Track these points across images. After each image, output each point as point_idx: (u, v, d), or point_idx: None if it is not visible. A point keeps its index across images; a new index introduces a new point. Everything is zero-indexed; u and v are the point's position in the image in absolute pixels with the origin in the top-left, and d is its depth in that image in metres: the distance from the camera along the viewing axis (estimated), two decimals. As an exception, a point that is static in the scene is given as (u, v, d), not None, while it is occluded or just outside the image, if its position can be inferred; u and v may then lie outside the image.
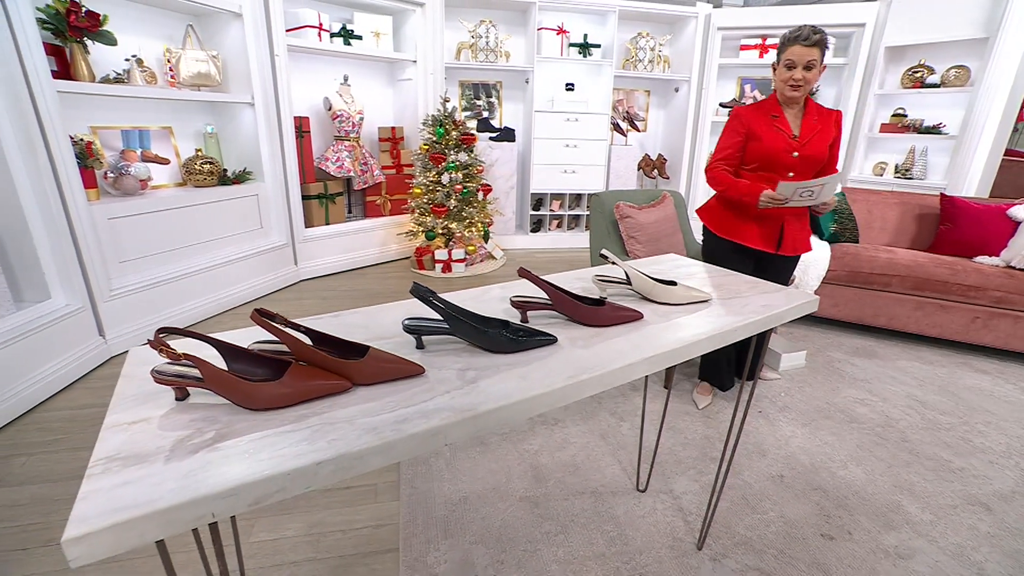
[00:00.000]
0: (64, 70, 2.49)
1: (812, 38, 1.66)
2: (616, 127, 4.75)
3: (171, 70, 2.99)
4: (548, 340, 0.89)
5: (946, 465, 1.91)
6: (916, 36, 4.18)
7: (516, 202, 4.99)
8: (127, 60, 2.73)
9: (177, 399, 0.70)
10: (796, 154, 1.81)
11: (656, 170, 4.96)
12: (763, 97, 4.79)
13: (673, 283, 1.12)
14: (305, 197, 3.85)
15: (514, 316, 1.01)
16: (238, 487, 0.54)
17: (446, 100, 4.13)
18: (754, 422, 2.14)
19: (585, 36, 4.55)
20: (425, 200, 4.12)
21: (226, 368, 0.72)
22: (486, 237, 4.49)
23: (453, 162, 4.09)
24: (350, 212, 4.43)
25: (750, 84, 4.87)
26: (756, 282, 1.28)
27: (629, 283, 1.13)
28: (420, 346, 0.88)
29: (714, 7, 4.75)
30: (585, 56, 4.59)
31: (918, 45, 4.22)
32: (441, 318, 0.86)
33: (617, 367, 0.83)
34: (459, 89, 4.88)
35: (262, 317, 0.72)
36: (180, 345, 0.75)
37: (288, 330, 0.75)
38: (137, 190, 2.79)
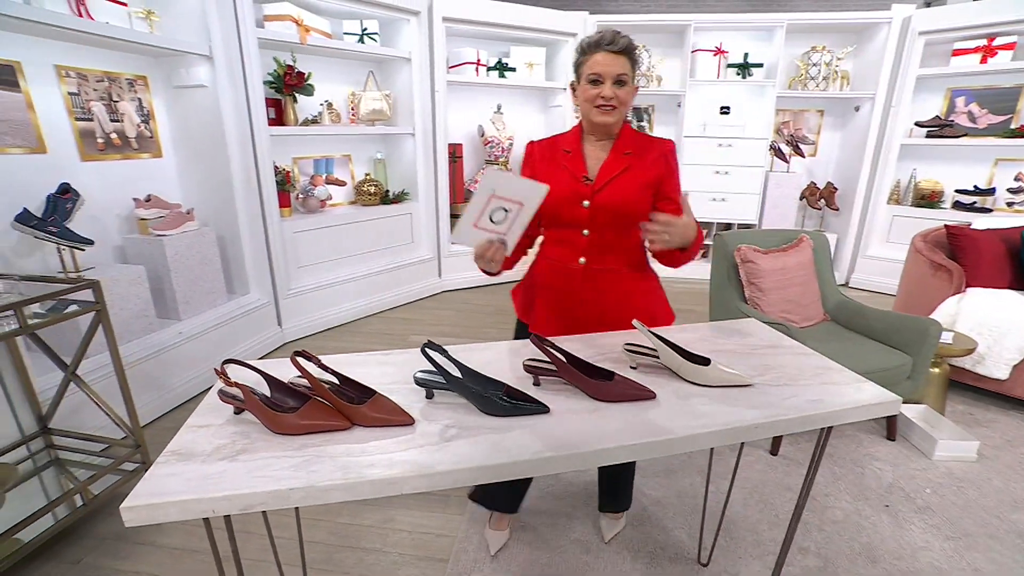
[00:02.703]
0: (279, 116, 3.22)
1: (619, 42, 1.21)
2: (777, 152, 4.30)
3: (353, 109, 3.63)
4: (540, 409, 0.94)
5: None
6: None
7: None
8: (320, 105, 3.39)
9: (235, 413, 0.93)
10: (587, 203, 1.29)
11: (823, 200, 4.35)
12: (983, 112, 3.89)
13: (707, 361, 1.06)
14: (453, 215, 4.28)
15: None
16: (231, 496, 0.73)
17: (589, 126, 4.21)
18: (873, 516, 1.80)
19: (746, 55, 4.22)
20: (559, 223, 4.25)
21: (269, 394, 0.93)
22: (619, 262, 4.45)
23: (590, 187, 4.15)
24: (493, 230, 4.78)
25: (965, 96, 3.97)
26: (828, 367, 1.12)
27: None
28: (429, 396, 1.00)
29: (921, 6, 4.00)
30: (744, 77, 4.25)
31: None
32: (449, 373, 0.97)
33: (591, 449, 0.84)
34: (608, 113, 4.91)
35: (298, 358, 0.92)
36: (242, 373, 0.99)
37: (315, 371, 0.94)
38: (318, 208, 3.45)
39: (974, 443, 2.13)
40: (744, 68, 4.24)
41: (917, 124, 4.02)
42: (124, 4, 2.27)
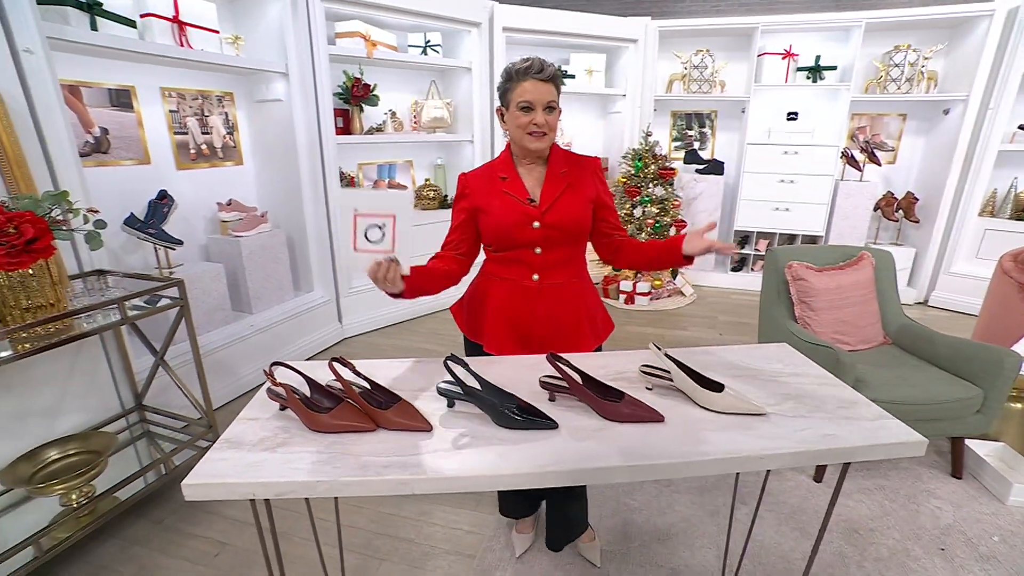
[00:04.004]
0: (346, 125, 3.45)
1: (548, 70, 1.26)
2: (850, 159, 4.03)
3: (415, 118, 3.81)
4: (549, 425, 1.00)
5: None
6: None
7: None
8: (384, 114, 3.60)
9: (280, 409, 1.06)
10: (537, 224, 1.34)
11: (902, 211, 4.03)
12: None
13: (720, 387, 1.07)
14: (507, 220, 4.38)
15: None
16: (267, 483, 0.85)
17: (648, 134, 4.17)
18: (924, 558, 1.70)
19: (817, 58, 3.99)
20: (615, 230, 4.25)
21: (309, 394, 1.05)
22: (674, 273, 4.38)
23: (647, 196, 4.12)
24: (546, 234, 4.84)
25: (1082, 100, 3.54)
26: (853, 401, 1.09)
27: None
28: (451, 405, 1.08)
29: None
30: (815, 81, 4.03)
31: None
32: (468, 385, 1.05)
33: (589, 467, 0.89)
34: (671, 119, 4.82)
35: (334, 363, 1.03)
36: (286, 374, 1.12)
37: (349, 375, 1.05)
38: (380, 213, 3.66)
39: (1057, 488, 1.93)
40: (815, 71, 4.02)
41: (1021, 127, 3.64)
42: (216, 32, 2.55)
